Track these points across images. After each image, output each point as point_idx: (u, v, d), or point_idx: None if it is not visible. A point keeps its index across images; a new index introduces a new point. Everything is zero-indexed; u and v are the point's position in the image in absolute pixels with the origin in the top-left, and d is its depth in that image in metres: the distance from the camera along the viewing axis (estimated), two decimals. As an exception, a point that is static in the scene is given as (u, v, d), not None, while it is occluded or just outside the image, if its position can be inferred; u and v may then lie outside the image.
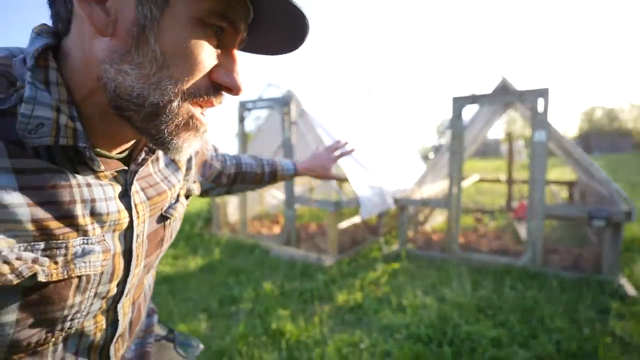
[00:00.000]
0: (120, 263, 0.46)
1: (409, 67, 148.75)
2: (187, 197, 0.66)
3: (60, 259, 0.38)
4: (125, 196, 0.47)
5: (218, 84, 0.42)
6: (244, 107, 4.11)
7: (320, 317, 2.33)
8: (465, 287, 2.64)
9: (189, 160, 0.65)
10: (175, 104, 0.39)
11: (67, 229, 0.39)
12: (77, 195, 0.40)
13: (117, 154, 0.47)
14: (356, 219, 3.96)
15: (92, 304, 0.43)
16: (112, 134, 0.43)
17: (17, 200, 0.35)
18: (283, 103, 3.71)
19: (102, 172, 0.43)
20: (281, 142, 3.83)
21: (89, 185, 0.41)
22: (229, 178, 0.82)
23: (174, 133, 0.41)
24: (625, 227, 3.63)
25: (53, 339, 0.42)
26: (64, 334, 0.43)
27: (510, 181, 5.48)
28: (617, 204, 2.97)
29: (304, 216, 5.30)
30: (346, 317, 2.34)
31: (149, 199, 0.51)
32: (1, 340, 0.37)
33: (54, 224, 0.37)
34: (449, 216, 3.25)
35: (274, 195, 5.47)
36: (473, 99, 3.10)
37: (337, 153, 0.99)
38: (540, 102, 2.75)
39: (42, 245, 0.37)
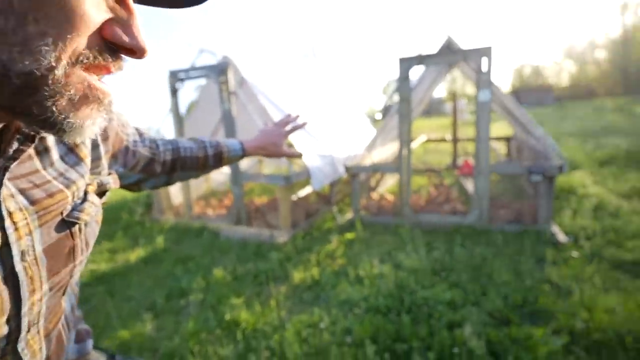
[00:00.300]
0: (2, 293, 0.35)
1: (354, 27, 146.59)
2: (101, 194, 0.52)
3: None
4: None
5: (113, 44, 0.33)
6: (175, 77, 3.65)
7: (277, 299, 2.23)
8: (420, 251, 2.69)
9: (95, 147, 0.52)
10: (59, 71, 0.29)
11: None
12: None
13: None
14: (308, 190, 3.84)
15: None
16: None
17: None
18: (219, 71, 3.35)
19: None
20: (221, 115, 3.51)
21: None
22: (164, 166, 0.72)
23: (67, 109, 0.31)
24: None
25: None
26: None
27: (455, 140, 5.67)
28: (550, 158, 3.15)
29: (254, 190, 5.08)
30: (304, 296, 2.27)
31: (33, 203, 0.39)
32: None
33: None
34: (400, 180, 3.25)
35: (220, 170, 5.14)
36: (420, 60, 3.01)
37: (288, 128, 0.92)
38: (484, 61, 2.74)
39: None
